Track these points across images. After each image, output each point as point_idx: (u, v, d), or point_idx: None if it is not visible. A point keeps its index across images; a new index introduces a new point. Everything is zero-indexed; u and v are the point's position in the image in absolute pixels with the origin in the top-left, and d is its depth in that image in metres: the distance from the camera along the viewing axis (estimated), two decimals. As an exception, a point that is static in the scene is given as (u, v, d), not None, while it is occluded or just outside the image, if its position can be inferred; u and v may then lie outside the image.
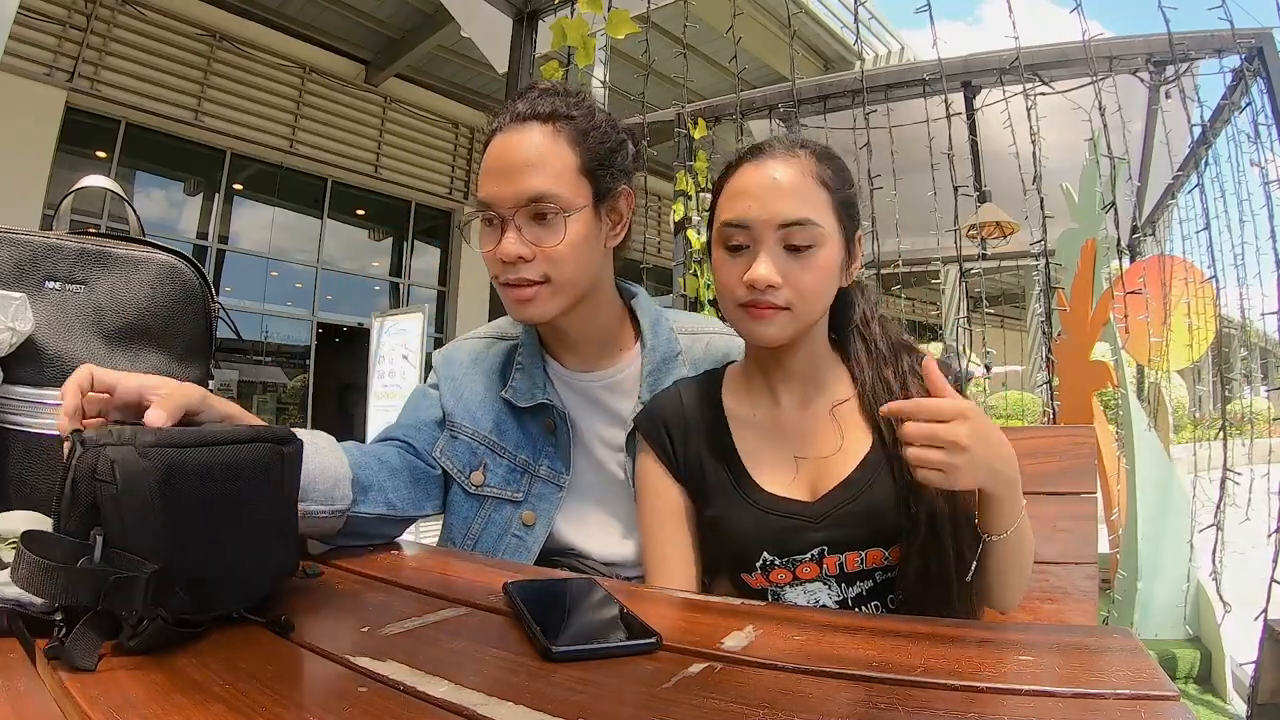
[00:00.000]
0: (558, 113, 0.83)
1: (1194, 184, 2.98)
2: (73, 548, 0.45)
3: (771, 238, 0.72)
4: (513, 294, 0.84)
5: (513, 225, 0.81)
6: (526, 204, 0.80)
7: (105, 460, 0.46)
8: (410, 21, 7.92)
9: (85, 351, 0.66)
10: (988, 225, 4.59)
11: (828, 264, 0.73)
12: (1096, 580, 0.85)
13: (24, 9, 4.07)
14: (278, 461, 0.57)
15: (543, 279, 0.82)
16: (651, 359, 0.92)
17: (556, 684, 0.43)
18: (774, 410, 0.81)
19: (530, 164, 0.81)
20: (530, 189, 0.80)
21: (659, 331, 0.94)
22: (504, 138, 0.83)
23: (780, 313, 0.72)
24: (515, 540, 0.90)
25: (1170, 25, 2.26)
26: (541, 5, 2.83)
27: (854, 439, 0.77)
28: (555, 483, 0.92)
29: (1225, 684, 2.25)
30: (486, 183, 0.83)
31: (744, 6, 6.31)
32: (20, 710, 0.39)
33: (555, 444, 0.92)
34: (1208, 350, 3.57)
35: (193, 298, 0.74)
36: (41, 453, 0.64)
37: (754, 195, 0.73)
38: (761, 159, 0.75)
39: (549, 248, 0.81)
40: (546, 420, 0.92)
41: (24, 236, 0.67)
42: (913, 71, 3.41)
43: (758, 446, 0.80)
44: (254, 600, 0.54)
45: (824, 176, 0.74)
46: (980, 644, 0.53)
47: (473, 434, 0.93)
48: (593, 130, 0.85)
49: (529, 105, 0.84)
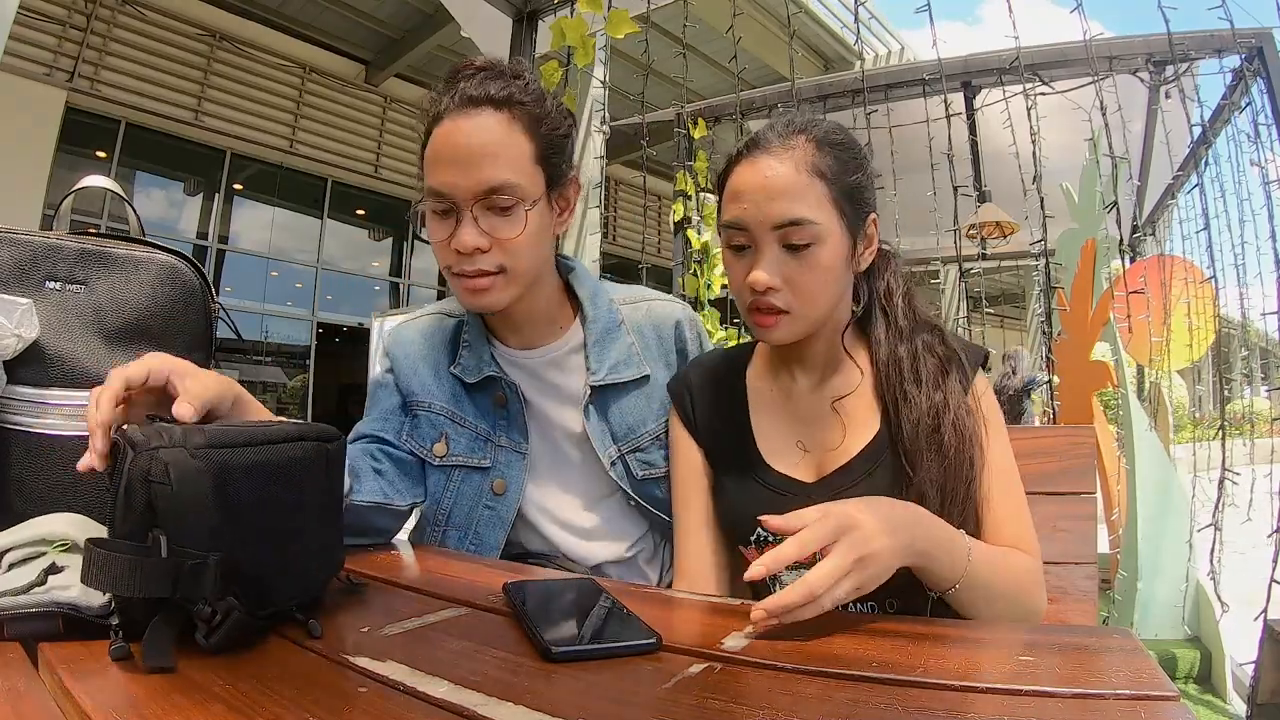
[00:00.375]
0: (513, 98, 0.80)
1: (1194, 184, 2.98)
2: (135, 548, 0.46)
3: (768, 239, 0.71)
4: (467, 284, 0.82)
5: (469, 216, 0.79)
6: (485, 195, 0.78)
7: (159, 463, 0.46)
8: (410, 21, 7.92)
9: (85, 351, 0.66)
10: (988, 225, 4.59)
11: (829, 261, 0.72)
12: (1096, 580, 0.85)
13: (24, 9, 4.06)
14: (322, 459, 0.57)
15: (498, 269, 0.81)
16: (594, 330, 0.92)
17: (556, 684, 0.43)
18: (790, 389, 0.81)
19: (487, 153, 0.78)
20: (489, 179, 0.78)
21: (598, 304, 0.94)
22: (455, 122, 0.79)
23: (782, 317, 0.72)
24: (488, 512, 0.90)
25: (1170, 25, 2.26)
26: (541, 5, 2.83)
27: (863, 422, 0.76)
28: (518, 450, 0.91)
29: (1225, 684, 2.25)
30: (439, 170, 0.79)
31: (744, 6, 6.31)
32: (20, 710, 0.39)
33: (508, 415, 0.91)
34: (1208, 350, 3.57)
35: (193, 298, 0.74)
36: (43, 453, 0.64)
37: (748, 197, 0.71)
38: (756, 156, 0.73)
39: (507, 239, 0.80)
40: (497, 393, 0.92)
41: (24, 236, 0.67)
42: (913, 71, 3.41)
43: (770, 422, 0.81)
44: (307, 598, 0.55)
45: (821, 167, 0.71)
46: (980, 644, 0.53)
47: (430, 406, 0.93)
48: (545, 117, 0.83)
49: (480, 88, 0.80)
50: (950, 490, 0.70)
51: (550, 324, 0.93)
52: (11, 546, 0.54)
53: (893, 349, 0.76)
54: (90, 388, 0.65)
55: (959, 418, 0.72)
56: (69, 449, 0.64)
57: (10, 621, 0.48)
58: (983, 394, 0.76)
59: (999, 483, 0.72)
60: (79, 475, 0.64)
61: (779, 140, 0.73)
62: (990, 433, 0.74)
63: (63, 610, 0.49)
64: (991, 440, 0.73)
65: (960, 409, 0.72)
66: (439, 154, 0.80)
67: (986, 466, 0.72)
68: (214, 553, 0.46)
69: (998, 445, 0.74)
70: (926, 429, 0.71)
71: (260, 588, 0.49)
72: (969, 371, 0.75)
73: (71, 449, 0.64)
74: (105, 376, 0.66)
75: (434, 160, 0.80)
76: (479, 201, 0.79)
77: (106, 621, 0.48)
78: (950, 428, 0.71)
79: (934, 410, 0.72)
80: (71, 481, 0.64)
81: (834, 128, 0.75)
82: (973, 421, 0.72)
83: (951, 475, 0.70)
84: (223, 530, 0.48)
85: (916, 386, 0.73)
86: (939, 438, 0.71)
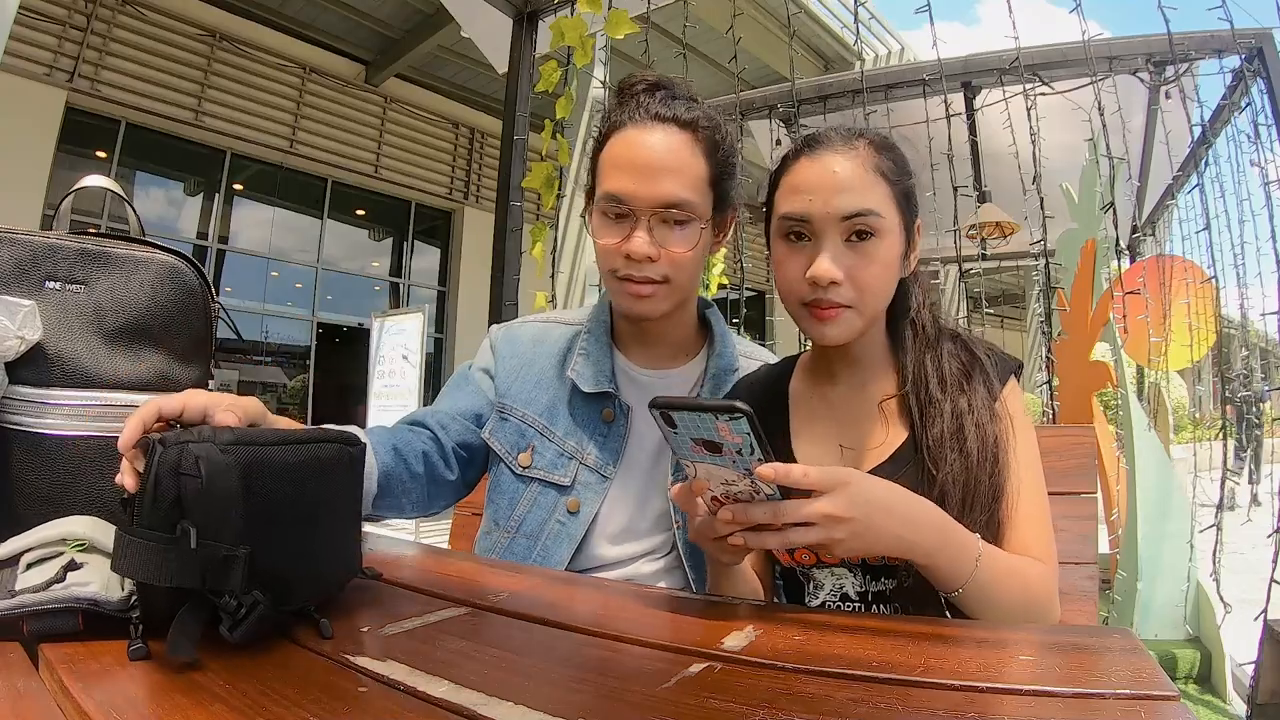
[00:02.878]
0: (697, 121, 0.84)
1: (1194, 184, 2.98)
2: (166, 538, 0.46)
3: (833, 231, 0.71)
4: (630, 288, 0.85)
5: (645, 224, 0.82)
6: (663, 207, 0.82)
7: (189, 456, 0.47)
8: (410, 21, 7.92)
9: (86, 351, 0.66)
10: (988, 225, 4.59)
11: (889, 255, 0.73)
12: (1096, 580, 0.85)
13: (24, 9, 4.06)
14: (346, 460, 0.59)
15: (662, 279, 0.84)
16: (715, 365, 0.94)
17: (556, 684, 0.43)
18: (830, 394, 0.82)
19: (669, 168, 0.82)
20: (669, 193, 0.82)
21: (726, 344, 0.97)
22: (640, 133, 0.83)
23: (844, 311, 0.72)
24: (559, 526, 0.90)
25: (1170, 25, 2.27)
26: (541, 5, 2.83)
27: (894, 430, 0.77)
28: (601, 473, 0.91)
29: (1225, 684, 2.25)
30: (618, 176, 0.83)
31: (744, 6, 6.32)
32: (20, 710, 0.39)
33: (608, 434, 0.92)
34: (1208, 351, 3.57)
35: (193, 298, 0.74)
36: (44, 453, 0.64)
37: (814, 190, 0.72)
38: (818, 152, 0.74)
39: (676, 252, 0.83)
40: (605, 409, 0.92)
41: (24, 236, 0.67)
42: (913, 71, 3.41)
43: (808, 427, 0.81)
44: (325, 597, 0.56)
45: (883, 168, 0.73)
46: (980, 644, 0.53)
47: (523, 416, 0.94)
48: (721, 144, 0.86)
49: (666, 106, 0.85)
50: (971, 490, 0.70)
51: (679, 348, 0.96)
52: (30, 547, 0.54)
53: (920, 355, 0.77)
54: (90, 388, 0.65)
55: (981, 422, 0.72)
56: (69, 448, 0.64)
57: (30, 618, 0.48)
58: (1011, 402, 0.76)
59: (1024, 490, 0.73)
60: (79, 475, 0.64)
61: (841, 141, 0.74)
62: (1018, 436, 0.74)
63: (82, 606, 0.49)
64: (1019, 448, 0.74)
65: (984, 413, 0.73)
66: (619, 159, 0.84)
67: (1011, 473, 0.72)
68: (242, 546, 0.47)
69: (1025, 454, 0.74)
70: (950, 430, 0.72)
71: (283, 584, 0.50)
72: (994, 379, 0.76)
73: (72, 448, 0.64)
74: (105, 376, 0.66)
75: (614, 165, 0.84)
76: (655, 213, 0.82)
77: (127, 615, 0.48)
78: (973, 431, 0.72)
79: (957, 413, 0.73)
80: (72, 481, 0.64)
81: (886, 137, 0.77)
82: (996, 427, 0.73)
83: (973, 476, 0.71)
84: (250, 524, 0.48)
85: (942, 390, 0.74)
86: (962, 438, 0.72)
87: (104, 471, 0.65)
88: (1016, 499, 0.72)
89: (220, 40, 7.51)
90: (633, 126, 0.84)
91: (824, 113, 3.53)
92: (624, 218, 0.83)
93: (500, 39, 2.98)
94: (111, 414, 0.66)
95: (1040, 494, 0.74)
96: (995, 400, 0.75)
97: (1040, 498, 0.74)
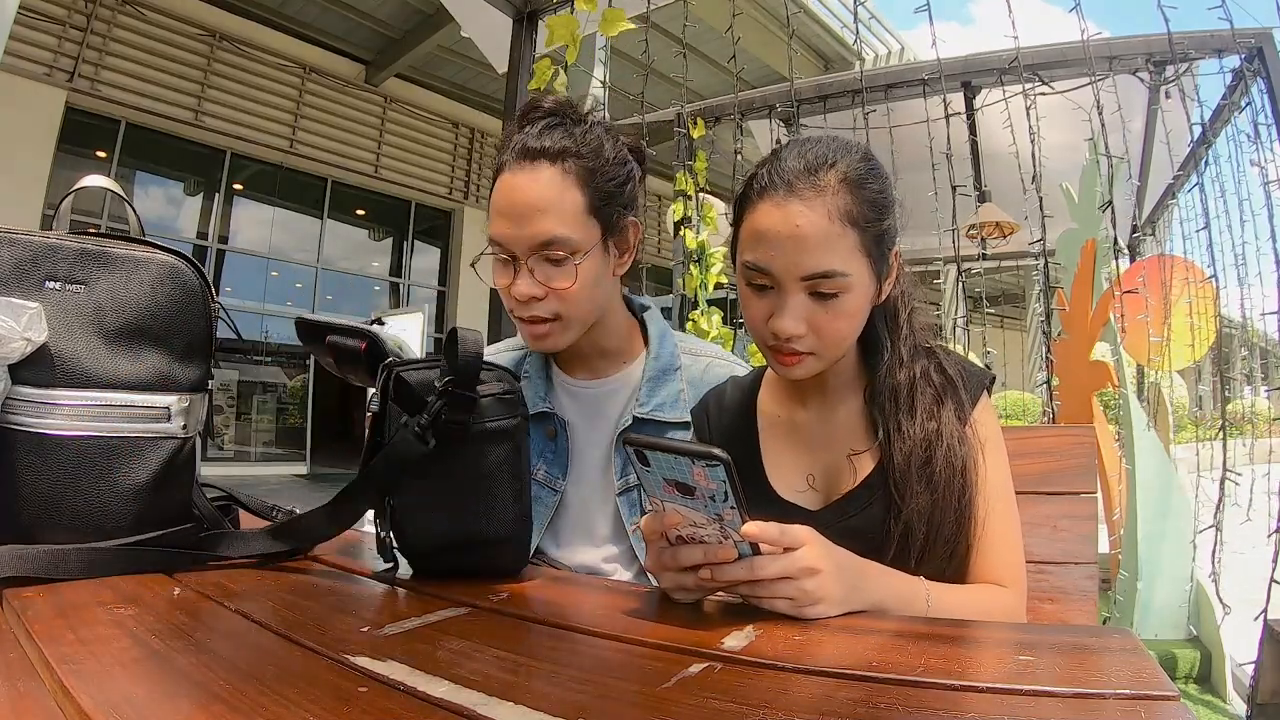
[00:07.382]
0: (567, 151, 0.83)
1: (1194, 184, 2.98)
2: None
3: (795, 287, 0.69)
4: (528, 329, 0.87)
5: (525, 266, 0.83)
6: (539, 248, 0.82)
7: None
8: (410, 21, 7.93)
9: (86, 351, 0.66)
10: (987, 225, 4.59)
11: (855, 305, 0.70)
12: (1096, 580, 0.85)
13: (24, 9, 4.06)
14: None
15: (554, 316, 0.85)
16: (652, 368, 0.95)
17: (556, 684, 0.43)
18: (798, 417, 0.81)
19: (539, 209, 0.82)
20: (541, 233, 0.81)
21: (664, 345, 0.97)
22: (513, 176, 0.83)
23: (806, 357, 0.71)
24: None
25: (1170, 25, 2.27)
26: (541, 5, 2.83)
27: (862, 460, 0.75)
28: (551, 487, 0.94)
29: (1225, 684, 2.25)
30: (497, 222, 0.84)
31: (744, 6, 6.31)
32: (20, 710, 0.39)
33: (555, 450, 0.94)
34: (1209, 351, 3.57)
35: (193, 298, 0.74)
36: (45, 453, 0.64)
37: (776, 244, 0.68)
38: (783, 199, 0.68)
39: (560, 289, 0.83)
40: (548, 427, 0.95)
41: (24, 236, 0.67)
42: (912, 71, 3.41)
43: (779, 448, 0.80)
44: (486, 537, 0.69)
45: (853, 214, 0.68)
46: (980, 644, 0.53)
47: None
48: (600, 168, 0.85)
49: (538, 139, 0.84)
50: (937, 523, 0.69)
51: (616, 357, 0.97)
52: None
53: (892, 376, 0.75)
54: (91, 388, 0.66)
55: (951, 448, 0.71)
56: (70, 448, 0.64)
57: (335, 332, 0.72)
58: (983, 421, 0.75)
59: (992, 510, 0.72)
60: (79, 474, 0.64)
61: (808, 182, 0.68)
62: (988, 458, 0.73)
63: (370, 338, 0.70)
64: (989, 466, 0.73)
65: (953, 439, 0.72)
66: (498, 206, 0.84)
67: (980, 493, 0.71)
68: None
69: (995, 475, 0.73)
70: (918, 460, 0.71)
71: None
72: (966, 401, 0.74)
73: (73, 448, 0.64)
74: (106, 376, 0.66)
75: (494, 211, 0.84)
76: (534, 254, 0.82)
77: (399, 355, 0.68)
78: (942, 459, 0.70)
79: (926, 441, 0.71)
80: (72, 480, 0.64)
81: (862, 157, 0.71)
82: (965, 451, 0.72)
83: (939, 508, 0.70)
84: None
85: (910, 417, 0.73)
86: (930, 470, 0.70)
87: (104, 471, 0.65)
88: (985, 523, 0.71)
89: (220, 40, 7.52)
90: (507, 169, 0.84)
91: (824, 113, 3.53)
92: (508, 262, 0.84)
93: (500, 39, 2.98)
94: (112, 414, 0.66)
95: (1010, 516, 0.73)
96: (965, 424, 0.73)
97: (1010, 520, 0.73)
